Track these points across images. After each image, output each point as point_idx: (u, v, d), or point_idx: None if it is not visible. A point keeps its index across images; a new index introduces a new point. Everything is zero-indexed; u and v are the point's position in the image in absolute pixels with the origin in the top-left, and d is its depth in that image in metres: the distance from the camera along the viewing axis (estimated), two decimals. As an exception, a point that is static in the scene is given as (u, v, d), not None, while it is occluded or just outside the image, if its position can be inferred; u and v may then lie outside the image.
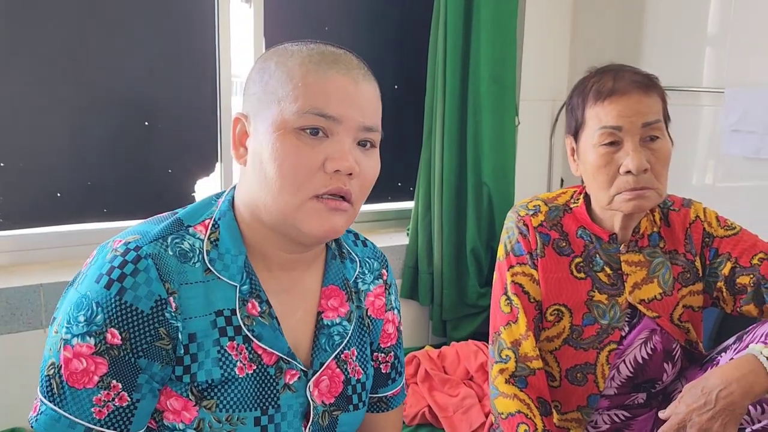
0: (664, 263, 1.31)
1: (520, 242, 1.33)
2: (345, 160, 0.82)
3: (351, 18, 2.34)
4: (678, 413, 1.11)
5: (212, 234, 0.88)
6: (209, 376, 0.84)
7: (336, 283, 0.97)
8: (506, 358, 1.31)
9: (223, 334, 0.85)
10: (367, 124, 0.86)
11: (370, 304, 1.03)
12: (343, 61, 0.86)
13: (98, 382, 0.78)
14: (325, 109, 0.82)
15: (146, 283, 0.80)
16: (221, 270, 0.86)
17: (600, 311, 1.29)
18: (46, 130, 1.85)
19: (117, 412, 0.79)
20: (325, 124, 0.83)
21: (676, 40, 2.23)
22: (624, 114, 1.20)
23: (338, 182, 0.83)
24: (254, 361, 0.87)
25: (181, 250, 0.85)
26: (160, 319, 0.80)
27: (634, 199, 1.21)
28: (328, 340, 0.94)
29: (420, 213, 2.33)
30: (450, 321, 2.38)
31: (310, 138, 0.82)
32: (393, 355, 1.09)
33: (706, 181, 2.17)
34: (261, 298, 0.88)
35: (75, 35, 1.85)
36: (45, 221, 1.90)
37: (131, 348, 0.79)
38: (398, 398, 1.12)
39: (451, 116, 2.24)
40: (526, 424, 1.25)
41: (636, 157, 1.19)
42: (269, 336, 0.87)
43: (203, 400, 0.84)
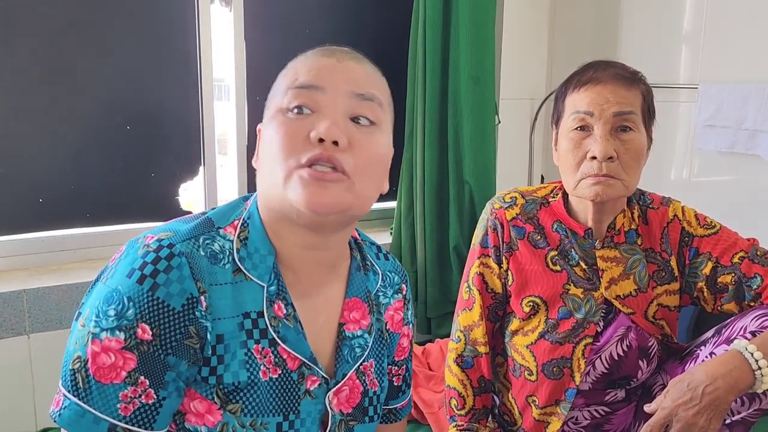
0: (641, 260, 1.33)
1: (488, 235, 1.38)
2: (327, 127, 0.80)
3: (331, 20, 2.35)
4: (664, 408, 1.13)
5: (242, 233, 0.87)
6: (236, 378, 0.83)
7: (359, 295, 0.96)
8: (458, 339, 1.43)
9: (250, 337, 0.84)
10: (357, 90, 0.84)
11: (389, 318, 1.03)
12: (332, 48, 0.87)
13: (126, 378, 0.77)
14: (306, 80, 0.83)
15: (179, 281, 0.79)
16: (250, 269, 0.85)
17: (575, 305, 1.32)
18: (27, 135, 1.85)
19: (143, 409, 0.78)
20: (309, 97, 0.82)
21: (652, 38, 2.27)
22: (596, 101, 1.23)
23: (320, 148, 0.80)
24: (279, 365, 0.86)
25: (212, 251, 0.84)
26: (191, 317, 0.79)
27: (596, 184, 1.23)
28: (351, 352, 0.94)
29: (403, 212, 2.35)
30: (434, 318, 2.40)
31: (296, 115, 0.83)
32: (405, 368, 1.10)
33: (682, 176, 2.21)
34: (287, 300, 0.87)
35: (56, 40, 1.85)
36: (27, 227, 1.90)
37: (161, 344, 0.78)
38: (406, 410, 1.13)
39: (432, 116, 2.27)
40: (457, 400, 1.41)
41: (602, 143, 1.21)
42: (293, 339, 0.87)
43: (228, 404, 0.83)
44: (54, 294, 1.75)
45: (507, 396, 1.42)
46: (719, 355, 1.16)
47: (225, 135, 2.24)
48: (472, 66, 2.23)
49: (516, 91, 2.56)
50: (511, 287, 1.36)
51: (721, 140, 2.02)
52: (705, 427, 1.10)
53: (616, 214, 1.33)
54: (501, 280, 1.38)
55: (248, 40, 2.15)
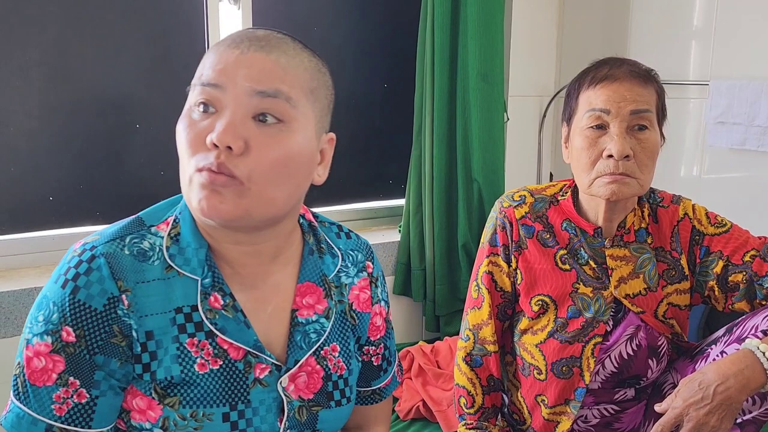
0: (651, 259, 1.32)
1: (497, 234, 1.37)
2: (220, 132, 0.77)
3: (339, 18, 2.35)
4: (675, 407, 1.12)
5: (173, 230, 0.88)
6: (168, 373, 0.84)
7: (312, 279, 0.95)
8: (467, 337, 1.43)
9: (183, 331, 0.85)
10: (259, 88, 0.79)
11: (354, 297, 1.01)
12: (238, 37, 0.83)
13: (57, 380, 0.80)
14: (207, 78, 0.80)
15: (99, 282, 0.81)
16: (182, 264, 0.86)
17: (585, 303, 1.31)
18: (36, 134, 1.85)
19: (77, 409, 0.81)
20: (211, 95, 0.80)
21: (662, 34, 2.25)
22: (613, 99, 1.22)
23: (212, 157, 0.78)
24: (220, 356, 0.86)
25: (139, 249, 0.85)
26: (113, 317, 0.81)
27: (612, 183, 1.22)
28: (304, 338, 0.93)
29: (411, 210, 2.34)
30: (443, 316, 2.39)
31: (199, 114, 0.81)
32: (383, 346, 1.08)
33: (693, 173, 2.19)
34: (224, 291, 0.87)
35: (64, 39, 1.85)
36: (37, 225, 1.90)
37: (86, 345, 0.80)
38: (390, 387, 1.12)
39: (441, 114, 2.26)
40: (466, 398, 1.41)
41: (619, 141, 1.20)
42: (233, 329, 0.87)
43: (166, 398, 0.84)
44: (64, 292, 1.75)
45: (516, 395, 1.42)
46: (731, 354, 1.15)
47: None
48: (480, 63, 2.23)
49: (524, 89, 2.55)
50: (520, 286, 1.36)
51: (732, 137, 2.00)
52: (716, 427, 1.10)
53: (627, 212, 1.32)
54: (510, 279, 1.37)
55: (257, 37, 2.14)
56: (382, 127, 2.45)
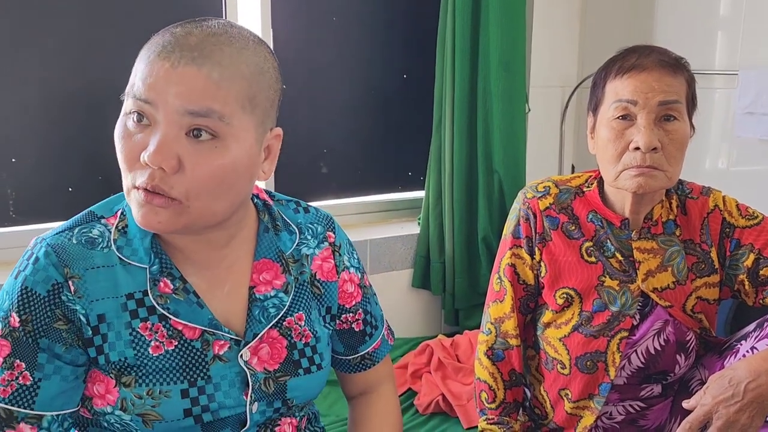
0: (680, 252, 1.29)
1: (520, 225, 1.34)
2: (152, 153, 0.77)
3: (358, 7, 2.32)
4: (704, 404, 1.09)
5: (120, 222, 0.90)
6: (122, 356, 0.86)
7: (269, 256, 0.96)
8: (488, 331, 1.39)
9: (135, 317, 0.87)
10: (190, 108, 0.78)
11: (317, 267, 1.02)
12: (169, 44, 0.79)
13: (2, 363, 0.83)
14: (139, 92, 0.79)
15: (44, 269, 0.84)
16: (130, 255, 0.88)
17: (611, 297, 1.28)
18: (56, 125, 1.86)
19: (20, 390, 0.83)
20: (144, 109, 0.79)
21: (688, 23, 2.20)
22: (641, 89, 1.18)
23: (146, 176, 0.79)
24: (174, 337, 0.88)
25: (88, 238, 0.88)
26: (57, 302, 0.84)
27: (639, 176, 1.19)
28: (262, 312, 0.94)
29: (431, 202, 2.32)
30: (462, 310, 2.37)
31: (134, 124, 0.81)
32: (362, 311, 1.09)
33: (719, 165, 2.15)
34: (173, 276, 0.89)
35: (83, 30, 1.85)
36: (57, 216, 1.91)
37: (32, 328, 0.83)
38: (381, 350, 1.13)
39: (461, 104, 2.23)
40: (487, 393, 1.38)
41: (647, 134, 1.17)
42: (186, 311, 0.89)
43: (122, 377, 0.86)
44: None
45: (538, 389, 1.39)
46: (762, 351, 1.12)
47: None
48: (502, 52, 2.19)
49: (546, 79, 2.51)
50: (543, 279, 1.33)
51: (761, 127, 1.95)
52: (747, 425, 1.07)
53: (654, 204, 1.28)
54: (533, 272, 1.34)
55: (275, 28, 2.13)
56: (401, 118, 2.43)
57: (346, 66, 2.31)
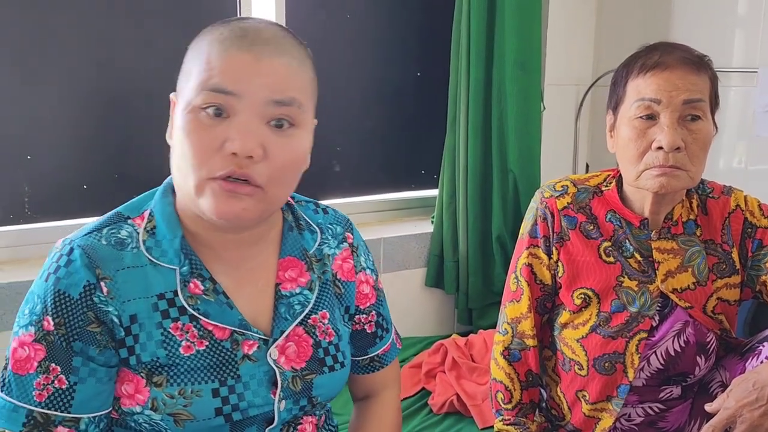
0: (700, 252, 1.27)
1: (537, 225, 1.33)
2: (239, 141, 0.79)
3: (373, 4, 2.31)
4: (727, 408, 1.08)
5: (149, 224, 0.90)
6: (153, 356, 0.86)
7: (294, 254, 0.97)
8: (504, 331, 1.38)
9: (166, 317, 0.87)
10: (275, 97, 0.81)
11: (338, 267, 1.03)
12: (251, 36, 0.82)
13: (38, 367, 0.83)
14: (221, 83, 0.80)
15: (76, 272, 0.84)
16: (159, 256, 0.88)
17: (629, 298, 1.26)
18: (71, 122, 1.86)
19: (57, 394, 0.83)
20: (225, 101, 0.80)
21: (705, 20, 2.18)
22: (664, 88, 1.16)
23: (233, 165, 0.80)
24: (205, 337, 0.89)
25: (117, 239, 0.88)
26: (89, 304, 0.84)
27: (661, 176, 1.17)
28: (288, 309, 0.95)
29: (445, 201, 2.30)
30: (476, 309, 2.36)
31: (211, 118, 0.81)
32: (375, 314, 1.09)
33: (735, 165, 2.12)
34: (204, 277, 0.89)
35: (98, 28, 1.85)
36: (72, 213, 1.91)
37: (65, 332, 0.83)
38: (390, 354, 1.13)
39: (476, 102, 2.21)
40: (503, 393, 1.36)
41: (670, 133, 1.15)
42: (216, 312, 0.89)
43: (153, 377, 0.86)
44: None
45: (555, 390, 1.38)
46: None
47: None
48: (518, 50, 2.18)
49: (561, 77, 2.49)
50: (561, 279, 1.32)
51: (781, 127, 1.93)
52: None
53: (674, 204, 1.27)
54: (550, 272, 1.33)
55: (290, 24, 2.13)
56: (414, 116, 2.41)
57: (360, 64, 2.30)
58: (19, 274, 1.72)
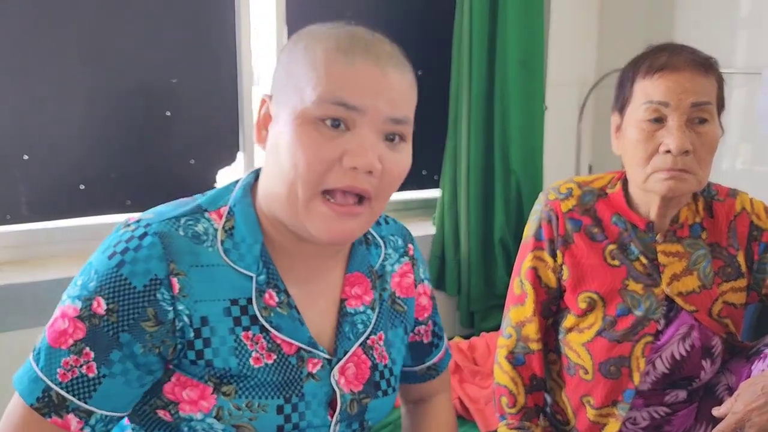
0: (706, 256, 1.26)
1: (542, 228, 1.31)
2: (364, 157, 0.77)
3: (373, 5, 2.30)
4: (735, 412, 1.07)
5: (227, 222, 0.85)
6: (226, 364, 0.82)
7: (361, 270, 0.95)
8: (509, 335, 1.36)
9: (238, 324, 0.83)
10: (394, 115, 0.80)
11: (396, 285, 1.00)
12: (372, 48, 0.80)
13: (71, 345, 0.78)
14: (347, 98, 0.78)
15: (146, 260, 0.79)
16: (236, 260, 0.84)
17: (635, 301, 1.25)
18: (68, 122, 1.84)
19: (81, 380, 0.78)
20: (347, 114, 0.78)
21: (709, 21, 2.17)
22: (673, 90, 1.15)
23: (353, 180, 0.78)
24: (274, 351, 0.85)
25: (194, 232, 0.83)
26: (151, 299, 0.79)
27: (669, 179, 1.16)
28: (352, 328, 0.92)
29: (446, 201, 2.29)
30: (478, 312, 2.35)
31: (329, 130, 0.78)
32: (432, 323, 1.08)
33: (738, 166, 2.11)
34: (279, 288, 0.86)
35: (95, 25, 1.84)
36: (69, 213, 1.90)
37: (116, 320, 0.78)
38: (445, 361, 1.12)
39: (478, 102, 2.20)
40: (507, 398, 1.34)
41: (678, 136, 1.13)
42: (288, 326, 0.86)
43: (222, 386, 0.82)
44: (96, 281, 1.74)
45: (560, 395, 1.36)
46: None
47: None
48: (520, 49, 2.17)
49: (564, 77, 2.48)
50: (566, 282, 1.30)
51: (786, 128, 1.92)
52: None
53: (681, 207, 1.25)
54: (555, 275, 1.31)
55: (289, 24, 2.11)
56: (416, 116, 2.37)
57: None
58: (16, 275, 1.71)
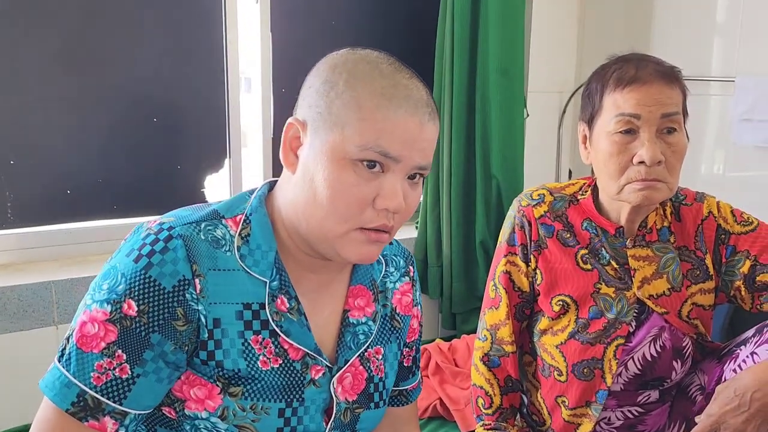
0: (674, 259, 1.29)
1: (515, 233, 1.35)
2: (395, 200, 0.83)
3: (357, 12, 2.33)
4: (711, 414, 1.10)
5: (243, 230, 0.89)
6: (235, 365, 0.85)
7: (364, 283, 0.98)
8: (484, 337, 1.40)
9: (248, 328, 0.86)
10: (422, 164, 0.86)
11: (397, 301, 1.04)
12: (414, 98, 0.84)
13: (104, 349, 0.80)
14: (389, 149, 0.82)
15: (173, 262, 0.82)
16: (252, 266, 0.87)
17: (606, 304, 1.28)
18: (55, 127, 1.85)
19: (115, 383, 0.80)
20: (384, 161, 0.83)
21: (685, 30, 2.21)
22: (643, 102, 1.18)
23: (384, 219, 0.85)
24: (280, 356, 0.88)
25: (213, 237, 0.87)
26: (180, 299, 0.82)
27: (644, 189, 1.19)
28: (353, 339, 0.95)
29: (429, 206, 2.32)
30: (459, 314, 2.38)
31: (366, 171, 0.83)
32: (415, 348, 1.11)
33: (715, 171, 2.16)
34: (290, 295, 0.89)
35: (82, 31, 1.85)
36: (55, 218, 1.91)
37: (147, 321, 0.80)
38: (416, 392, 1.14)
39: (459, 109, 2.24)
40: (484, 399, 1.38)
41: (651, 147, 1.17)
42: (297, 332, 0.89)
43: (230, 387, 0.85)
44: (82, 285, 1.75)
45: (536, 395, 1.40)
46: (767, 360, 1.12)
47: (247, 127, 2.24)
48: (501, 57, 2.20)
49: (544, 84, 2.52)
50: (539, 286, 1.34)
51: (758, 134, 1.97)
52: None
53: (649, 212, 1.29)
54: (528, 279, 1.35)
55: (274, 32, 2.14)
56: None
57: (345, 70, 2.31)
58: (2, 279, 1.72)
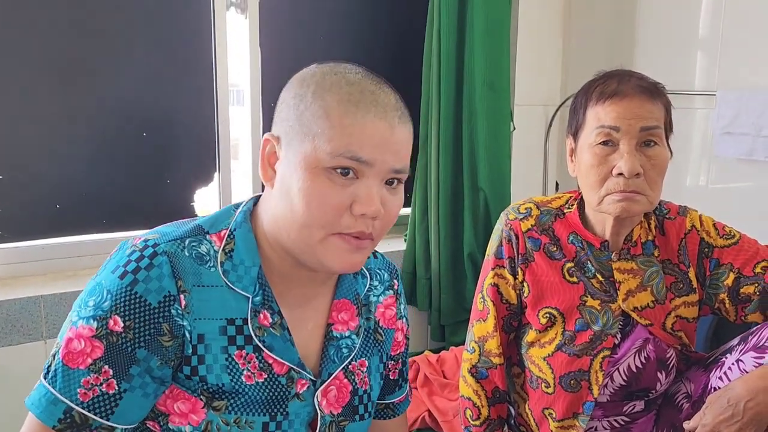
0: (658, 272, 1.31)
1: (503, 246, 1.37)
2: (371, 205, 0.83)
3: (345, 26, 2.35)
4: (705, 425, 1.12)
5: (227, 245, 0.89)
6: (219, 380, 0.86)
7: (348, 296, 0.99)
8: (472, 349, 1.42)
9: (232, 343, 0.87)
10: (397, 167, 0.86)
11: (380, 315, 1.05)
12: (381, 102, 0.85)
13: (90, 365, 0.80)
14: (359, 153, 0.83)
15: (158, 278, 0.82)
16: (235, 281, 0.88)
17: (592, 317, 1.30)
18: (44, 142, 1.86)
19: (102, 398, 0.81)
20: (357, 166, 0.83)
21: (668, 44, 2.25)
22: (623, 116, 1.21)
23: (362, 225, 0.85)
24: (264, 370, 0.89)
25: (197, 253, 0.87)
26: (166, 315, 0.82)
27: (622, 201, 1.21)
28: (337, 352, 0.96)
29: (417, 219, 2.34)
30: (448, 326, 2.39)
31: (340, 178, 0.83)
32: (401, 362, 1.12)
33: (699, 183, 2.19)
34: (273, 309, 0.90)
35: (72, 46, 1.86)
36: (44, 233, 1.91)
37: (133, 337, 0.81)
38: (404, 404, 1.15)
39: (447, 122, 2.26)
40: (471, 410, 1.40)
41: (630, 159, 1.19)
42: (280, 347, 0.90)
43: (214, 401, 0.86)
44: (71, 300, 1.75)
45: (523, 407, 1.41)
46: (758, 369, 1.15)
47: (236, 140, 2.25)
48: (487, 71, 2.23)
49: (530, 98, 2.55)
50: (526, 299, 1.35)
51: (739, 147, 2.00)
52: None
53: (634, 226, 1.31)
54: (516, 291, 1.37)
55: (263, 46, 2.15)
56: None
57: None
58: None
